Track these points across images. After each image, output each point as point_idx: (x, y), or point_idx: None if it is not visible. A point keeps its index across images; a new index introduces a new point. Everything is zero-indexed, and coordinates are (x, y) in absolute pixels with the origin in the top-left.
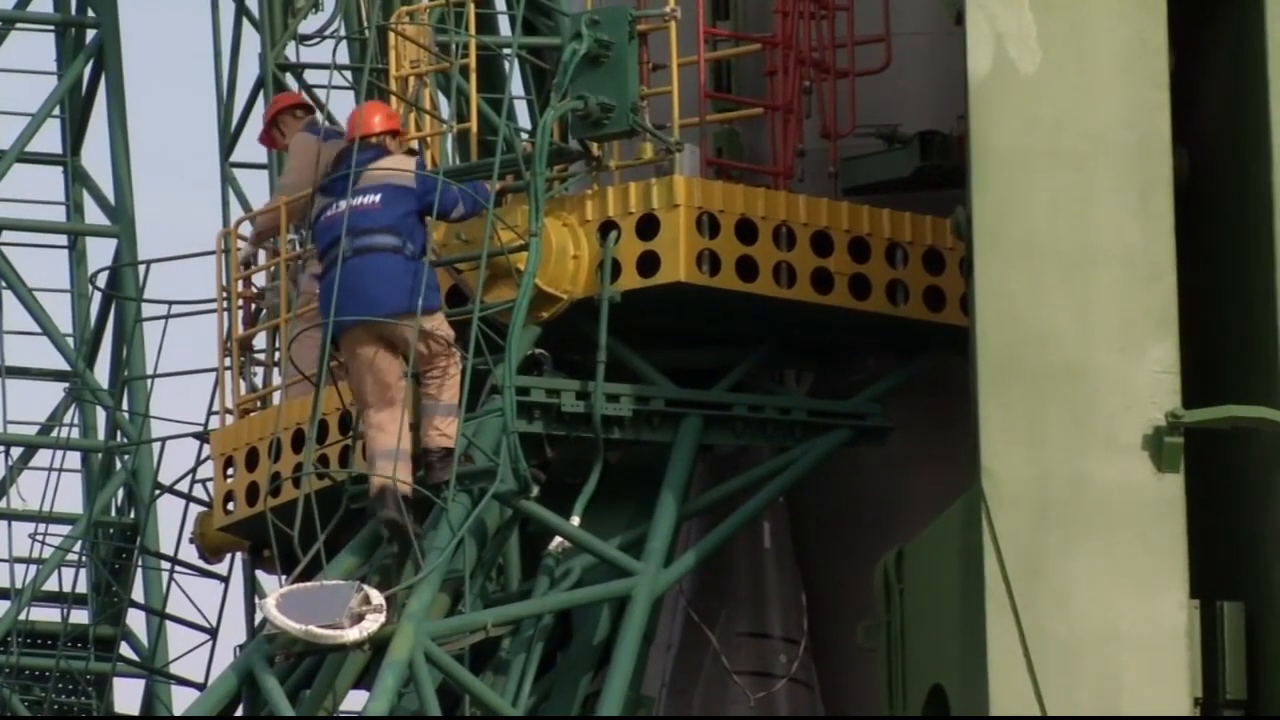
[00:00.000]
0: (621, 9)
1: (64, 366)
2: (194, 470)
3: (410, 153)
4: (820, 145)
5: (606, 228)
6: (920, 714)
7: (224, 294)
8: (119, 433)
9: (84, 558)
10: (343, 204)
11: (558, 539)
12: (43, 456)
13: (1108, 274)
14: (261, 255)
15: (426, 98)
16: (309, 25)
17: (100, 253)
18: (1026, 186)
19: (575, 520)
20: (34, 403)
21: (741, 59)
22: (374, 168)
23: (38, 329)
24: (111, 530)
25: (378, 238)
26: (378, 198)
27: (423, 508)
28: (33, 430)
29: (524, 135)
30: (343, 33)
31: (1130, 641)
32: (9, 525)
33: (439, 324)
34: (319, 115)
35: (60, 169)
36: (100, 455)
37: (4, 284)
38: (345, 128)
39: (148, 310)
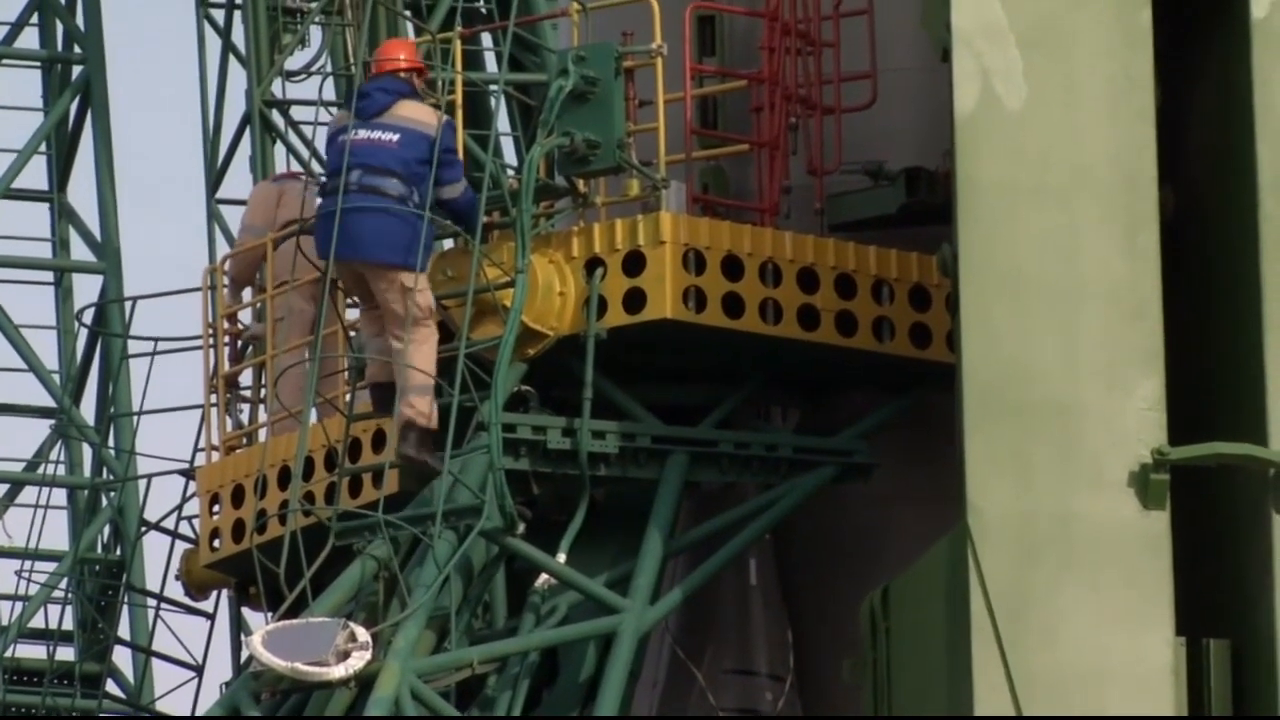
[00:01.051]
0: (607, 45)
1: (50, 403)
2: (180, 507)
3: (439, 108)
4: (806, 182)
5: (592, 264)
6: None
7: (210, 330)
8: (105, 469)
9: (70, 594)
10: (362, 132)
11: (544, 576)
12: (29, 493)
13: (1094, 310)
14: (247, 292)
15: None
16: (295, 61)
17: (86, 289)
18: (1012, 223)
19: (561, 557)
20: (20, 439)
21: (728, 95)
22: (399, 108)
23: (24, 365)
24: (97, 567)
25: (386, 180)
26: (396, 137)
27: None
28: (19, 467)
29: (510, 171)
30: (329, 69)
31: (1117, 678)
32: None
33: (423, 287)
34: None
35: (46, 205)
36: (86, 492)
37: None
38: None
39: (134, 347)
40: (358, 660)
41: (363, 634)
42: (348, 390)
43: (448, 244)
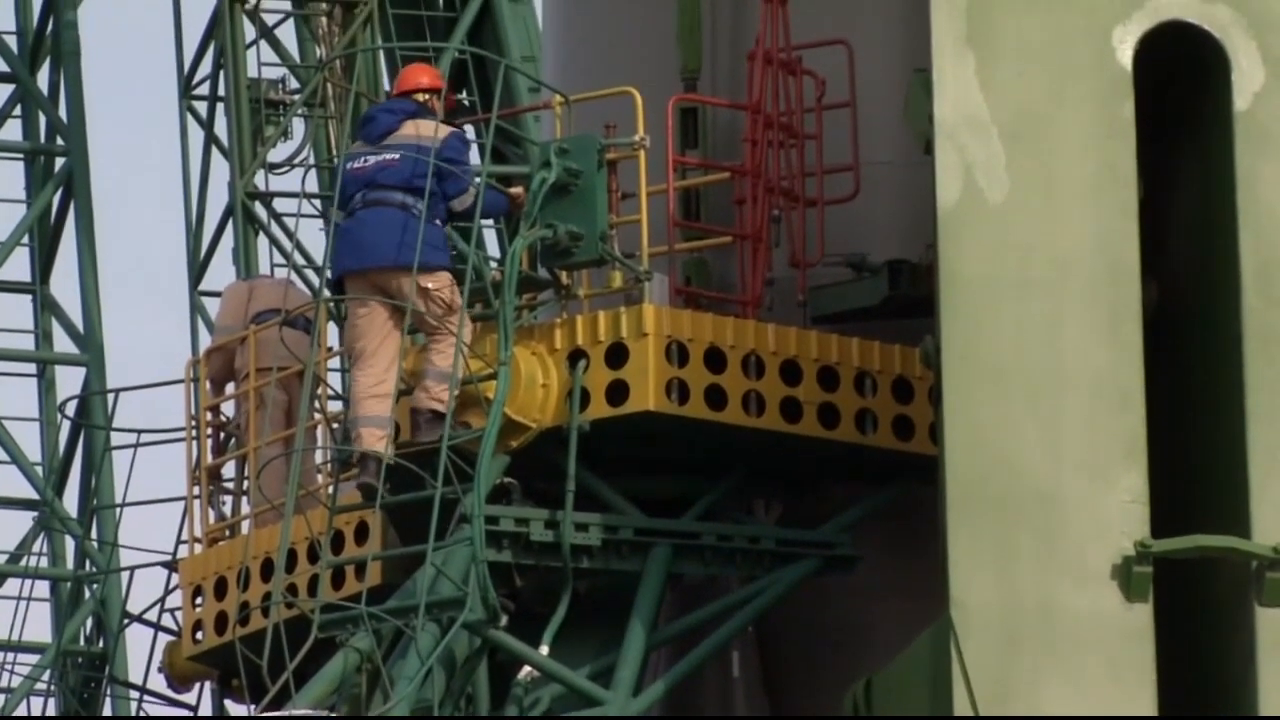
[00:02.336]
0: (590, 137)
1: (33, 495)
2: (163, 599)
3: (451, 122)
4: (789, 274)
5: (575, 356)
6: None
7: (192, 423)
8: (88, 561)
9: (52, 687)
10: (370, 159)
11: (527, 668)
12: (11, 585)
13: (1077, 402)
14: (229, 386)
15: None
16: (278, 153)
17: (69, 381)
18: (995, 315)
19: (544, 649)
20: (2, 531)
21: (710, 187)
22: (404, 128)
23: (6, 458)
24: (80, 659)
25: (388, 193)
26: (397, 156)
27: (405, 472)
28: (1, 559)
29: (493, 264)
30: (312, 161)
31: None
32: None
33: (441, 285)
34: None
35: (29, 297)
36: (69, 584)
37: None
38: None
39: (116, 439)
40: None
41: None
42: (330, 482)
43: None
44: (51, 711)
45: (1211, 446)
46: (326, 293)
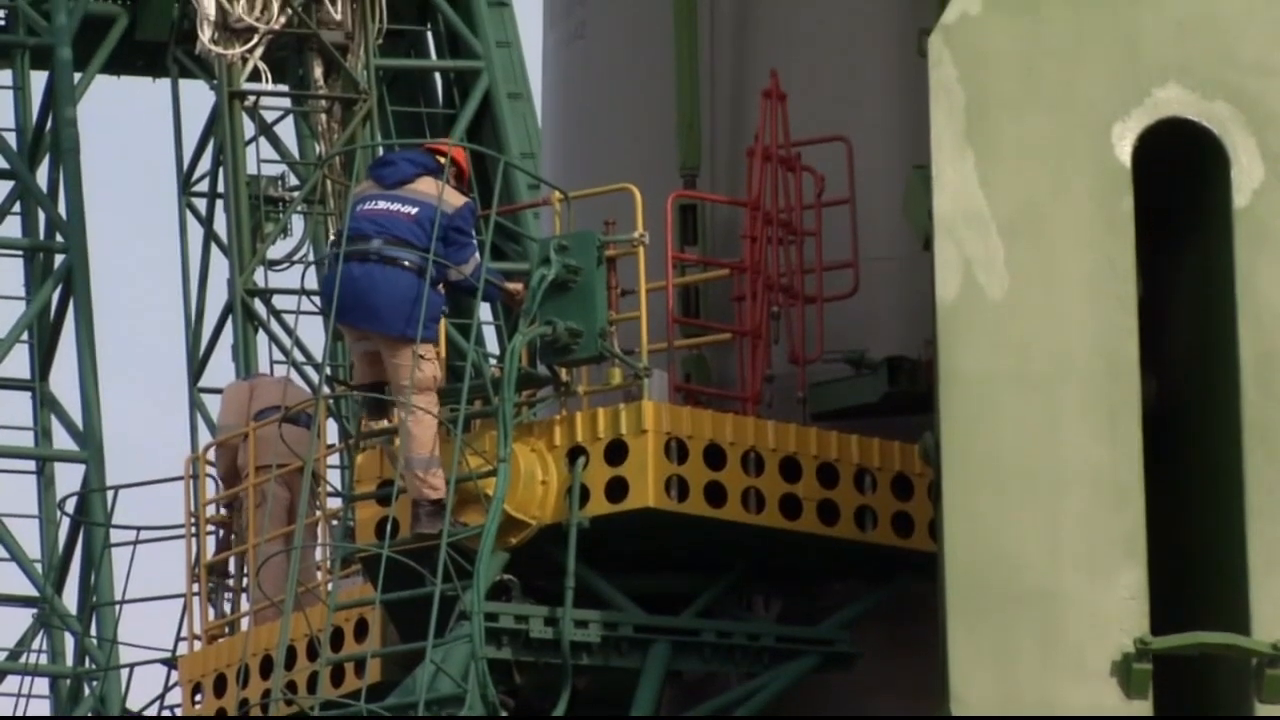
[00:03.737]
0: (589, 234)
1: (32, 592)
2: (162, 696)
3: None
4: (788, 370)
5: (575, 453)
6: None
7: (192, 519)
8: (87, 658)
9: None
10: (381, 203)
11: None
12: (11, 682)
13: (1076, 499)
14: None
15: None
16: (277, 250)
17: (69, 477)
18: (994, 411)
19: None
20: (2, 628)
21: (710, 284)
22: (420, 184)
23: (5, 554)
24: None
25: (402, 252)
26: (414, 210)
27: (404, 568)
28: (1, 656)
29: (492, 360)
30: (311, 258)
31: None
32: None
33: (429, 357)
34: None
35: (29, 394)
36: (69, 681)
37: None
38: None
39: (116, 535)
40: None
41: None
42: (329, 579)
43: None
44: None
45: (1211, 542)
46: (325, 390)
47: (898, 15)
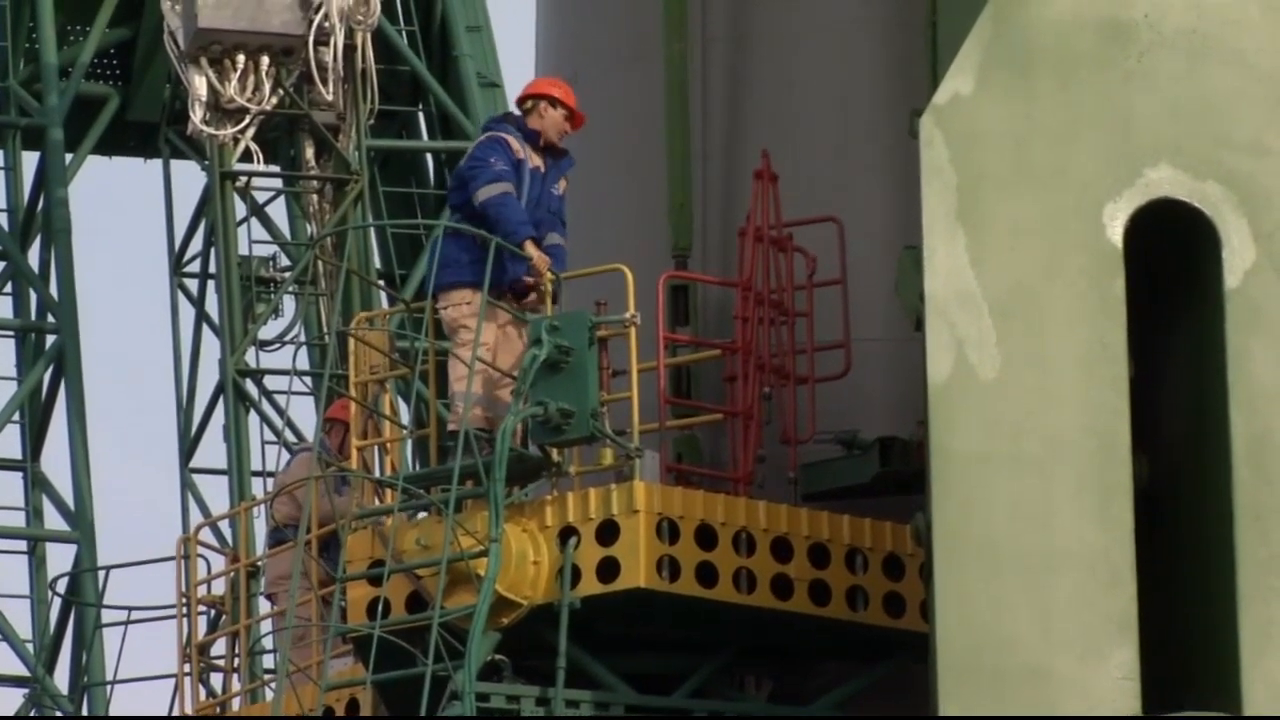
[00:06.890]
0: (581, 315)
1: (24, 672)
2: None
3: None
4: (780, 451)
5: (566, 533)
6: None
7: (183, 599)
8: None
9: None
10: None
11: None
12: None
13: (1068, 579)
14: (219, 560)
15: (386, 403)
16: (269, 330)
17: (60, 557)
18: (986, 492)
19: None
20: None
21: (701, 364)
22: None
23: None
24: None
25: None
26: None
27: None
28: None
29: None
30: (303, 338)
31: None
32: None
33: (449, 304)
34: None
35: (20, 474)
36: None
37: None
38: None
39: (107, 616)
40: None
41: None
42: (322, 659)
43: (421, 515)
44: None
45: (1203, 622)
46: (318, 469)
47: (889, 96)
